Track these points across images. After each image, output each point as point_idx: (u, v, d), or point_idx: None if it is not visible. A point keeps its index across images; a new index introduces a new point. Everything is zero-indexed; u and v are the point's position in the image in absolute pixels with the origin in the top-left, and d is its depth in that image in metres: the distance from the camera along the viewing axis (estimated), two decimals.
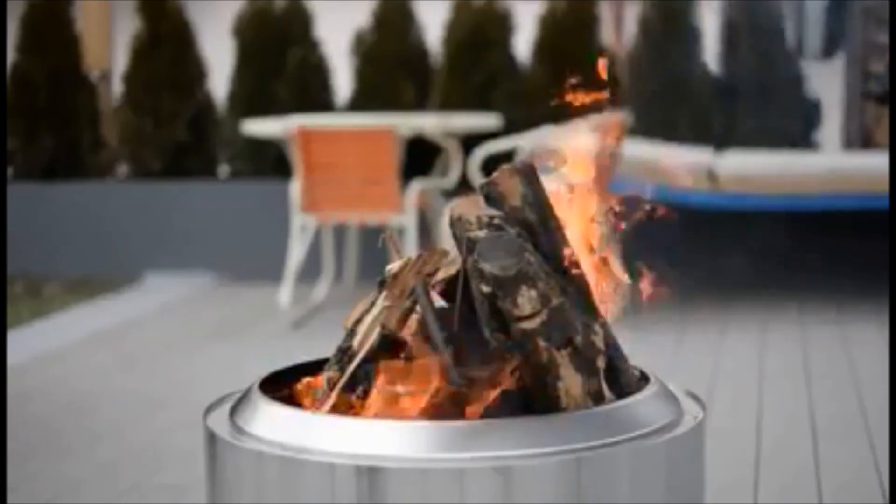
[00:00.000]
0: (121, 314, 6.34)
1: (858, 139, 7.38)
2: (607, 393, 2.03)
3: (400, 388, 2.01)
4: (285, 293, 6.39)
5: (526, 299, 1.94)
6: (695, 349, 5.39)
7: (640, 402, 2.00)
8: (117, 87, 7.85)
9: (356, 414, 2.02)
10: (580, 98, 2.13)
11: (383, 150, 6.13)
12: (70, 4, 7.74)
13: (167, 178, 7.47)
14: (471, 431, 1.88)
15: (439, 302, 2.08)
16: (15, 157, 7.56)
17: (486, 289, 1.96)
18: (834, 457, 3.91)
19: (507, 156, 5.88)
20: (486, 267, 1.95)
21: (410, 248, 5.87)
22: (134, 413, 4.55)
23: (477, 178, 5.98)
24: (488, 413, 1.95)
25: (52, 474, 3.85)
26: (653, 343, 5.14)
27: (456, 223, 2.03)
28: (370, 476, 1.83)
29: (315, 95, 7.46)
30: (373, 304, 2.12)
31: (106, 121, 7.73)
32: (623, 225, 2.15)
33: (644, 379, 2.12)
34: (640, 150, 6.06)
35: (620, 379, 2.09)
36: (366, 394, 2.05)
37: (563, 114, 2.16)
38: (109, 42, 8.25)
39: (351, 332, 2.12)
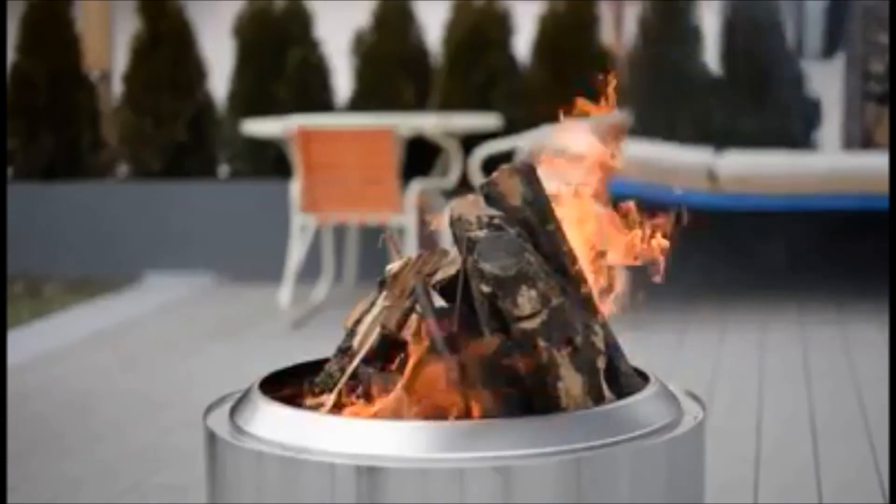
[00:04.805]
0: (121, 314, 6.34)
1: (858, 139, 7.38)
2: (607, 393, 2.03)
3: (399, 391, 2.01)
4: (285, 293, 6.39)
5: (526, 299, 1.94)
6: (695, 349, 5.39)
7: (640, 402, 2.00)
8: (117, 87, 7.85)
9: (356, 414, 2.02)
10: (580, 99, 2.13)
11: (383, 150, 6.13)
12: (70, 4, 7.75)
13: (167, 178, 7.47)
14: (471, 431, 1.88)
15: (439, 302, 2.08)
16: (15, 157, 7.56)
17: (486, 289, 1.96)
18: (834, 457, 3.91)
19: (507, 156, 5.88)
20: (486, 267, 1.95)
21: (410, 248, 5.87)
22: (134, 413, 4.55)
23: (477, 178, 5.99)
24: (488, 413, 1.95)
25: (51, 474, 3.85)
26: (653, 343, 5.15)
27: (456, 223, 2.03)
28: (370, 476, 1.83)
29: (315, 95, 7.46)
30: (373, 304, 2.12)
31: (106, 121, 7.73)
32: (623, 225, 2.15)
33: (644, 379, 2.12)
34: (640, 150, 6.06)
35: (620, 379, 2.09)
36: (367, 395, 2.05)
37: (564, 114, 2.16)
38: (109, 42, 8.25)
39: (351, 332, 2.12)
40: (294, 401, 2.10)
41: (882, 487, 3.62)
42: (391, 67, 7.41)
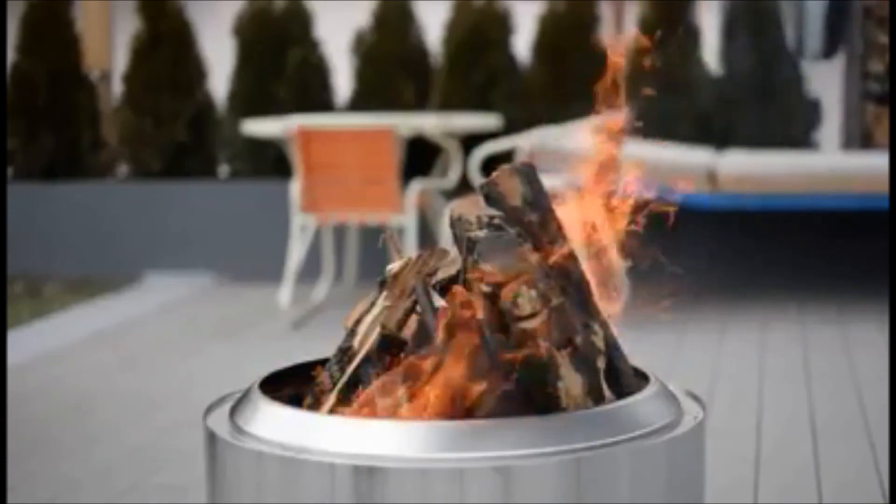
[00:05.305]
0: (121, 314, 6.34)
1: (858, 139, 7.38)
2: (607, 393, 2.03)
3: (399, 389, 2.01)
4: (285, 293, 6.39)
5: (526, 299, 1.94)
6: (695, 349, 5.39)
7: (640, 402, 2.00)
8: (117, 87, 7.85)
9: (356, 414, 2.02)
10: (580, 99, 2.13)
11: (383, 150, 6.13)
12: (70, 4, 7.75)
13: (167, 178, 7.47)
14: (471, 431, 1.88)
15: (439, 302, 2.08)
16: (15, 157, 7.56)
17: (486, 289, 1.96)
18: (834, 457, 3.91)
19: (507, 156, 5.88)
20: (487, 267, 1.95)
21: (410, 248, 5.87)
22: (134, 413, 4.55)
23: (477, 178, 5.99)
24: (488, 413, 1.95)
25: (51, 474, 3.85)
26: (653, 343, 5.15)
27: (456, 223, 2.03)
28: (370, 476, 1.83)
29: (315, 95, 7.46)
30: (373, 304, 2.12)
31: (106, 121, 7.73)
32: (623, 225, 2.15)
33: (644, 379, 2.12)
34: (640, 151, 6.05)
35: (620, 379, 2.09)
36: (367, 395, 2.05)
37: (564, 114, 2.17)
38: (109, 42, 8.25)
39: (351, 332, 2.12)
40: (294, 401, 2.10)
41: (882, 487, 3.62)
42: (391, 67, 7.41)
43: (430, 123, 6.51)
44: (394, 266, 2.12)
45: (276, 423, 1.96)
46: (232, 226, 7.23)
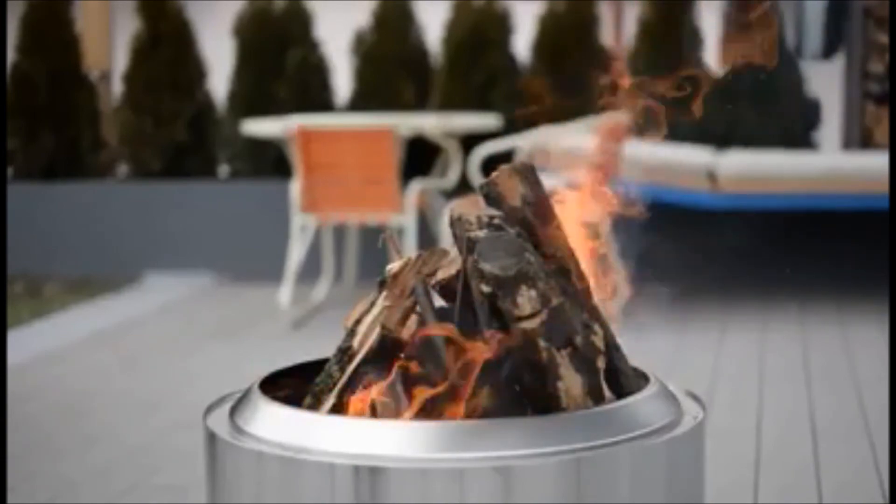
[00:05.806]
0: (121, 314, 6.34)
1: (858, 139, 7.39)
2: (607, 393, 2.03)
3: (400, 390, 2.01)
4: (285, 293, 6.39)
5: (526, 299, 1.94)
6: (695, 349, 5.39)
7: (640, 402, 2.00)
8: (117, 87, 7.86)
9: (356, 414, 2.02)
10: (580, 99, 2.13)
11: (383, 150, 6.13)
12: (70, 4, 7.75)
13: (167, 178, 7.47)
14: (471, 431, 1.88)
15: (439, 302, 2.08)
16: (15, 157, 7.56)
17: (486, 289, 1.96)
18: (834, 457, 3.91)
19: (507, 156, 5.88)
20: (486, 267, 1.95)
21: (410, 248, 5.87)
22: (133, 413, 4.55)
23: (477, 178, 5.99)
24: (488, 413, 1.95)
25: (51, 474, 3.85)
26: (653, 343, 5.14)
27: (456, 223, 2.03)
28: (370, 476, 1.83)
29: (315, 95, 7.46)
30: (373, 304, 2.12)
31: (106, 121, 7.73)
32: (623, 225, 2.15)
33: (644, 379, 2.12)
34: (641, 151, 6.05)
35: (620, 379, 2.09)
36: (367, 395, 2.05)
37: (564, 114, 2.16)
38: (109, 42, 8.25)
39: (351, 332, 2.12)
40: (294, 401, 2.10)
41: (882, 487, 3.62)
42: (391, 67, 7.41)
43: (430, 123, 6.51)
44: (394, 266, 2.12)
45: (276, 423, 1.96)
46: (232, 226, 7.23)
